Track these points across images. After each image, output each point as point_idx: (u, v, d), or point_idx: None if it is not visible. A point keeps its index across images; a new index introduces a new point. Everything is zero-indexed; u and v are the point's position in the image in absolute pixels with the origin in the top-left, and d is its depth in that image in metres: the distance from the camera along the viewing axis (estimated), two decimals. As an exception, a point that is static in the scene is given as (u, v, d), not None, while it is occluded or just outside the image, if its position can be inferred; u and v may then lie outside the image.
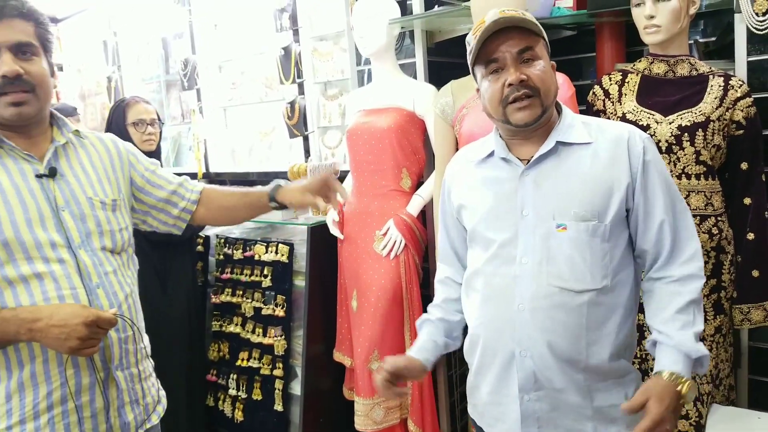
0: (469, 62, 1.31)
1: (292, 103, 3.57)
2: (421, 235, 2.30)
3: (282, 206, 1.59)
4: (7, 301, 1.21)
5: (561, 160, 1.27)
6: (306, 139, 3.67)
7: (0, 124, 1.26)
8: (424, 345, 1.45)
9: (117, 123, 2.53)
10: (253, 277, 2.62)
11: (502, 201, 1.30)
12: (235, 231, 2.88)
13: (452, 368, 2.55)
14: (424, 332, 1.48)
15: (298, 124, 3.60)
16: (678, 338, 1.24)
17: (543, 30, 1.27)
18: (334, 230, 2.41)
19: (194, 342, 2.64)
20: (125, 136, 2.57)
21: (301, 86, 3.60)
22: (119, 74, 4.76)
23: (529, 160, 1.28)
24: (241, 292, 2.67)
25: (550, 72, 1.27)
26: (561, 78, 1.94)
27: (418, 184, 2.36)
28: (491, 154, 1.34)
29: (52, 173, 1.29)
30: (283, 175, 3.77)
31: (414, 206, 2.27)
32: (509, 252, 1.28)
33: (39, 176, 1.28)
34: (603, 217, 1.24)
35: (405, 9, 2.48)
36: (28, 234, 1.23)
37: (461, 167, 1.43)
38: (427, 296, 2.37)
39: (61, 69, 5.47)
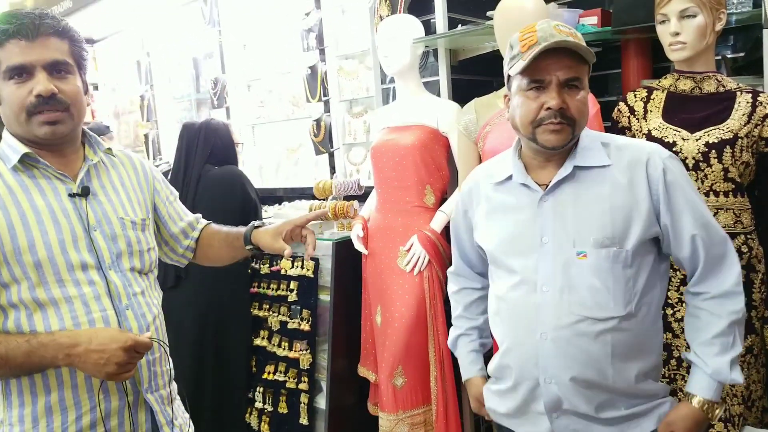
0: (506, 68, 1.26)
1: (318, 121, 3.59)
2: (445, 251, 2.27)
3: (257, 249, 1.53)
4: (36, 323, 1.17)
5: (579, 185, 1.24)
6: (331, 155, 3.68)
7: (33, 142, 1.23)
8: (471, 358, 1.50)
9: (224, 141, 2.67)
10: (279, 292, 2.62)
11: (521, 228, 1.27)
12: (261, 246, 2.89)
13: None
14: (462, 348, 1.51)
15: (324, 141, 3.62)
16: (714, 366, 1.21)
17: (593, 56, 1.22)
18: (359, 246, 2.40)
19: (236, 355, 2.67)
20: (232, 154, 2.73)
21: (326, 104, 3.62)
22: (152, 93, 4.85)
23: (548, 185, 1.26)
24: (267, 306, 2.67)
25: (587, 102, 1.24)
26: (584, 95, 1.92)
27: (442, 200, 2.34)
28: (509, 178, 1.31)
29: (85, 193, 1.26)
30: (309, 191, 3.79)
31: (438, 222, 2.25)
32: (531, 279, 1.25)
33: (72, 195, 1.24)
34: (623, 242, 1.20)
35: (428, 28, 2.48)
36: (60, 256, 1.19)
37: (478, 186, 1.40)
38: (450, 312, 2.34)
39: (96, 88, 5.59)
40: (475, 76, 2.51)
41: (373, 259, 2.37)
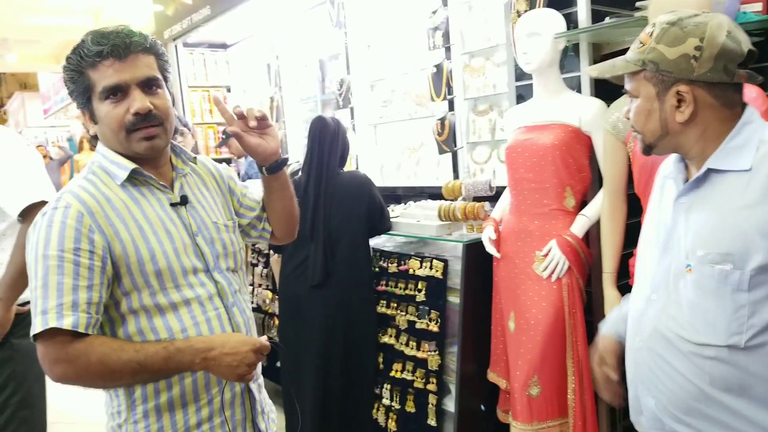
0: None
1: (442, 119, 3.54)
2: (586, 258, 2.14)
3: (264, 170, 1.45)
4: (157, 326, 1.22)
5: (711, 189, 1.13)
6: (455, 154, 3.62)
7: (130, 158, 1.25)
8: (613, 317, 1.43)
9: (348, 144, 2.73)
10: (407, 291, 2.60)
11: (659, 226, 1.23)
12: (389, 245, 2.89)
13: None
14: (614, 312, 1.45)
15: (448, 140, 3.56)
16: None
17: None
18: (490, 248, 2.32)
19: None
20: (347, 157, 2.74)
21: (451, 102, 3.57)
22: (280, 95, 5.04)
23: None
24: (395, 305, 2.67)
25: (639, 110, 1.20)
26: (754, 91, 1.72)
27: (583, 203, 2.21)
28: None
29: (184, 201, 1.31)
30: (429, 191, 3.75)
31: (579, 227, 2.12)
32: (646, 283, 1.22)
33: (173, 205, 1.29)
34: (741, 262, 1.05)
35: (569, 21, 2.35)
36: (176, 263, 1.24)
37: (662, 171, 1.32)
38: (590, 322, 2.20)
39: (228, 90, 5.91)
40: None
41: (506, 262, 2.28)
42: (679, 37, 1.11)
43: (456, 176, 3.61)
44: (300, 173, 2.74)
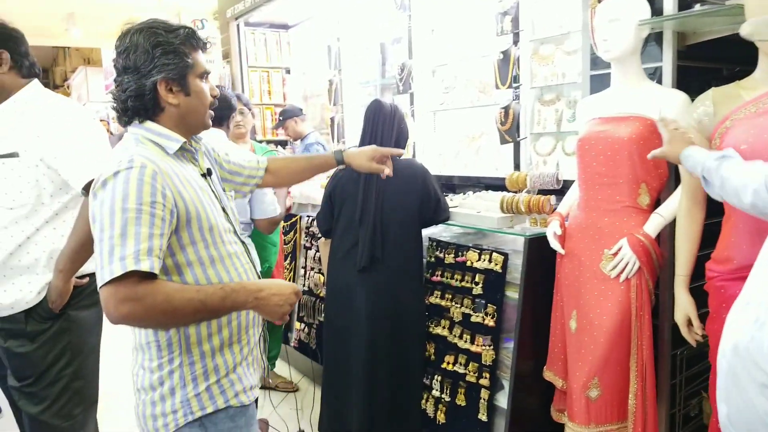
0: None
1: (506, 108, 3.45)
2: (657, 259, 2.04)
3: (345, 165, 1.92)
4: (210, 275, 1.39)
5: None
6: (517, 145, 3.53)
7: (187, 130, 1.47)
8: None
9: (405, 131, 2.67)
10: (463, 283, 2.55)
11: None
12: (446, 234, 2.85)
13: (677, 405, 2.25)
14: None
15: (511, 129, 3.47)
16: None
17: None
18: (555, 244, 2.24)
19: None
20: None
21: (515, 91, 3.47)
22: (339, 78, 5.02)
23: None
24: (450, 296, 2.62)
25: None
26: None
27: (657, 202, 2.11)
28: None
29: (210, 173, 1.55)
30: (486, 181, 3.67)
31: (653, 226, 2.02)
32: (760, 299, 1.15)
33: (202, 175, 1.50)
34: None
35: (653, 7, 2.22)
36: (220, 222, 1.44)
37: None
38: (656, 326, 2.11)
39: (288, 72, 5.94)
40: (706, 63, 2.21)
41: (571, 259, 2.20)
42: None
43: (517, 167, 3.51)
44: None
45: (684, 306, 1.89)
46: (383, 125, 2.56)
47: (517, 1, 3.35)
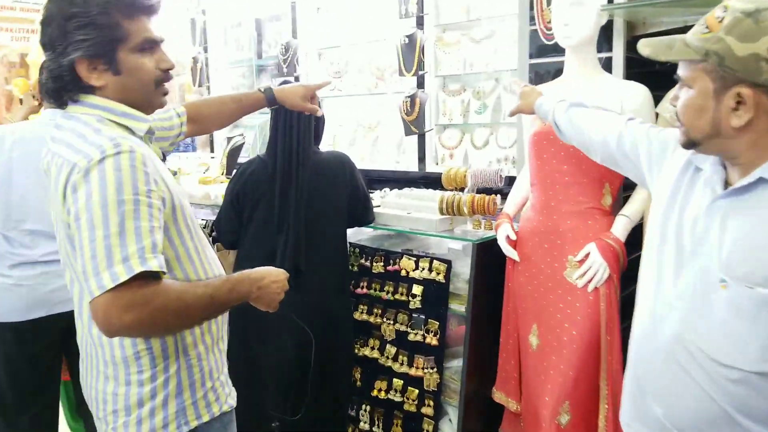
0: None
1: (412, 97, 3.17)
2: (624, 263, 1.89)
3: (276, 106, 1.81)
4: (198, 269, 1.26)
5: (758, 200, 1.04)
6: (422, 137, 3.28)
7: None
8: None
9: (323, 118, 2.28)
10: (397, 296, 2.23)
11: (681, 224, 1.14)
12: (363, 238, 2.50)
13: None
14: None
15: (418, 119, 3.20)
16: None
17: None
18: (508, 250, 2.01)
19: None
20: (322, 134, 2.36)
21: (420, 79, 3.21)
22: (205, 56, 4.41)
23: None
24: (379, 311, 2.28)
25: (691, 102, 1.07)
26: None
27: (617, 201, 1.96)
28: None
29: (164, 157, 1.44)
30: (388, 174, 3.39)
31: (621, 228, 1.85)
32: (666, 286, 1.14)
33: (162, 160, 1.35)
34: None
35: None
36: (187, 203, 1.30)
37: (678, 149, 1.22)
38: (626, 329, 1.96)
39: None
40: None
41: (527, 267, 1.98)
42: (753, 32, 0.98)
43: (422, 161, 3.27)
44: (255, 152, 2.27)
45: None
46: (299, 113, 2.14)
47: (422, -19, 3.07)
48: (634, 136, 1.37)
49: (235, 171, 2.24)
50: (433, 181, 3.18)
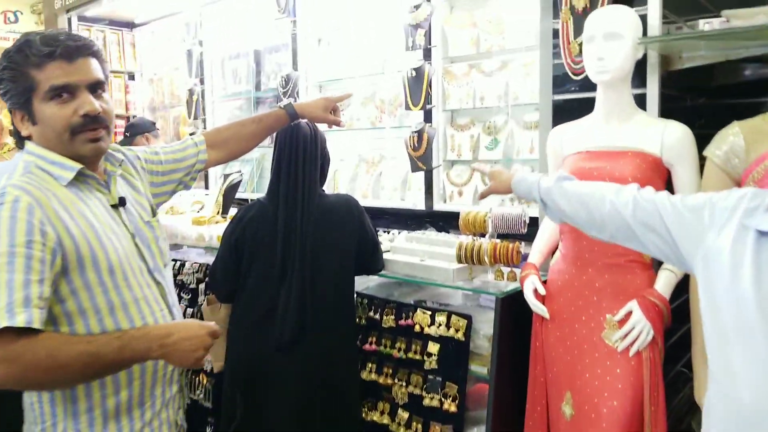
0: None
1: (419, 132, 2.98)
2: (668, 323, 1.68)
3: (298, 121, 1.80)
4: (108, 326, 1.21)
5: None
6: (429, 173, 3.09)
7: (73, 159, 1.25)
8: None
9: (328, 156, 2.10)
10: (411, 354, 2.00)
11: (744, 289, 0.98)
12: (375, 286, 2.28)
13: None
14: None
15: (426, 155, 3.01)
16: None
17: None
18: (537, 306, 1.80)
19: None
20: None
21: (428, 113, 3.04)
22: (201, 88, 4.23)
23: None
24: (390, 371, 2.05)
25: None
26: None
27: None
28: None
29: (122, 203, 1.33)
30: (392, 212, 3.20)
31: (664, 284, 1.64)
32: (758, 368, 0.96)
33: (113, 206, 1.31)
34: None
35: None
36: (126, 261, 1.25)
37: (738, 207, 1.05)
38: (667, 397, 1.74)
39: (132, 78, 4.96)
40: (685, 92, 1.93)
41: (559, 326, 1.76)
42: None
43: (429, 197, 3.08)
44: (252, 187, 2.06)
45: (704, 384, 1.54)
46: (306, 153, 1.93)
47: (431, 13, 2.92)
48: (655, 205, 1.17)
49: (233, 216, 2.02)
50: (440, 219, 2.99)
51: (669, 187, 1.70)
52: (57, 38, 1.21)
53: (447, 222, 2.91)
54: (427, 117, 3.04)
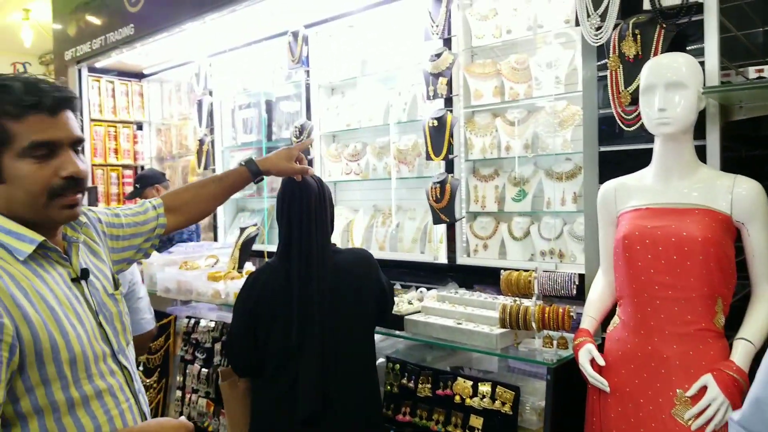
0: None
1: (442, 183, 2.83)
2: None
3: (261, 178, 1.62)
4: (67, 426, 1.04)
5: None
6: (451, 226, 2.92)
7: (34, 225, 1.09)
8: None
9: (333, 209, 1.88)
10: (449, 428, 1.78)
11: None
12: (405, 349, 2.08)
13: None
14: None
15: (448, 207, 2.85)
16: None
17: None
18: (595, 377, 1.59)
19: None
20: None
21: (450, 163, 2.89)
22: (211, 138, 4.09)
23: None
24: (427, 447, 1.84)
25: None
26: None
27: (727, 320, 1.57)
28: None
29: (85, 276, 1.16)
30: (408, 265, 3.01)
31: (743, 356, 1.45)
32: None
33: (73, 280, 1.14)
34: None
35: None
36: (89, 348, 1.09)
37: None
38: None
39: (140, 128, 4.82)
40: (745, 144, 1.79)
41: (621, 400, 1.56)
42: None
43: (452, 250, 2.89)
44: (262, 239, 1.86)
45: None
46: (315, 209, 1.74)
47: (453, 62, 2.81)
48: None
49: (244, 282, 1.80)
50: (463, 273, 2.80)
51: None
52: (40, 87, 1.06)
53: (470, 276, 2.73)
54: (449, 167, 2.89)
